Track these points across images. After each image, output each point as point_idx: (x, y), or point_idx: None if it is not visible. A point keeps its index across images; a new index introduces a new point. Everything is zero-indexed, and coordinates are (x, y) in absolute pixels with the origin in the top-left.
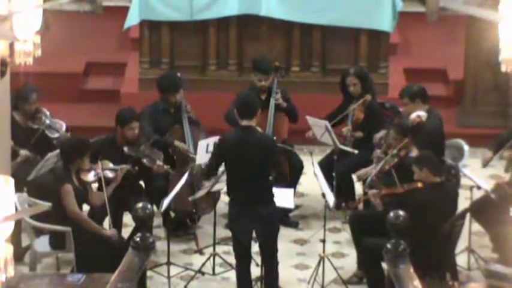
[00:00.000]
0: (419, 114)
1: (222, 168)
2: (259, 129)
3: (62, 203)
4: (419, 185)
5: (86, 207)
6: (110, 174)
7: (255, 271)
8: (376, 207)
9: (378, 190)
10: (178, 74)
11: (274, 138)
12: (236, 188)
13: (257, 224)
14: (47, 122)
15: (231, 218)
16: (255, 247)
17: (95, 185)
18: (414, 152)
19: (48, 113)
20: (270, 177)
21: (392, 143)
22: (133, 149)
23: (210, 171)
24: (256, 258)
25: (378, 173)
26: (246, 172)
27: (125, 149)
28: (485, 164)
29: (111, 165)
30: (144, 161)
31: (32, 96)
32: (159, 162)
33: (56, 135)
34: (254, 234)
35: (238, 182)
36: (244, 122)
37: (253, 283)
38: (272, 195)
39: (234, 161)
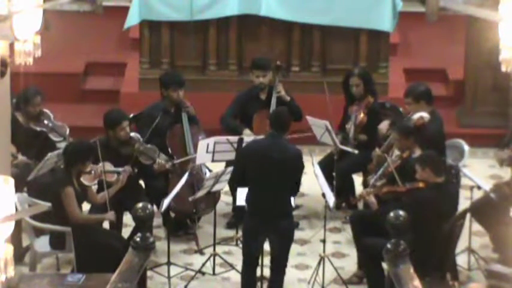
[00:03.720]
0: (422, 115)
1: (221, 168)
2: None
3: (63, 205)
4: (421, 184)
5: (85, 208)
6: (110, 177)
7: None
8: (370, 206)
9: (376, 188)
10: (183, 76)
11: None
12: (256, 199)
13: (273, 236)
14: (50, 125)
15: (246, 230)
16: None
17: (95, 186)
18: (417, 153)
19: (52, 116)
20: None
21: (394, 144)
22: (129, 149)
23: (237, 181)
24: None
25: (381, 174)
26: (269, 183)
27: (121, 150)
28: (502, 163)
29: (111, 166)
30: (141, 159)
31: (36, 99)
32: (160, 161)
33: (59, 138)
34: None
35: (260, 194)
36: (274, 132)
37: None
38: (291, 209)
39: (257, 170)
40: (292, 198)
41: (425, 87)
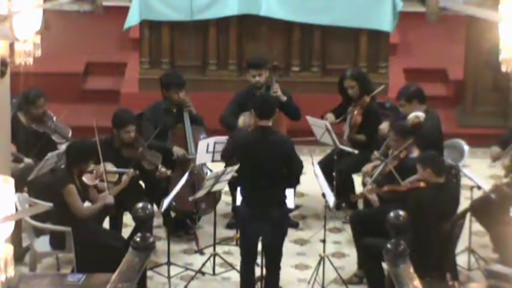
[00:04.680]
0: (417, 114)
1: (222, 168)
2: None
3: (66, 204)
4: (422, 184)
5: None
6: (111, 177)
7: (255, 271)
8: (372, 204)
9: (376, 187)
10: (183, 76)
11: None
12: (249, 190)
13: (266, 226)
14: (53, 126)
15: (241, 220)
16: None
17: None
18: (415, 153)
19: (54, 117)
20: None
21: (392, 145)
22: (132, 151)
23: (223, 157)
24: (257, 258)
25: (378, 175)
26: (261, 174)
27: (123, 152)
28: (495, 159)
29: (113, 167)
30: (143, 163)
31: (40, 100)
32: (162, 169)
33: (62, 140)
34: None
35: (252, 184)
36: (262, 123)
37: None
38: (284, 198)
39: (248, 162)
40: (292, 196)
41: (416, 87)
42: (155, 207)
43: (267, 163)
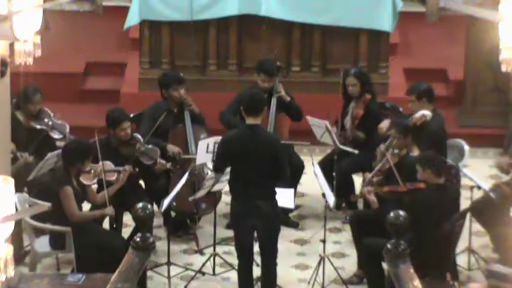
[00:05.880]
0: (424, 113)
1: None
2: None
3: (62, 204)
4: (422, 185)
5: (86, 208)
6: (110, 176)
7: (255, 271)
8: (371, 204)
9: (375, 187)
10: (181, 74)
11: None
12: (239, 185)
13: (258, 220)
14: (50, 123)
15: (233, 216)
16: (256, 247)
17: (95, 186)
18: (415, 152)
19: (52, 114)
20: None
21: (394, 142)
22: (130, 149)
23: (216, 170)
24: (257, 258)
25: (377, 171)
26: (251, 171)
27: (122, 150)
28: (503, 171)
29: (111, 166)
30: (142, 159)
31: (36, 96)
32: (161, 161)
33: (59, 136)
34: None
35: (242, 180)
36: (250, 120)
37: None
38: (274, 193)
39: (238, 159)
40: (292, 196)
41: (427, 85)
42: (155, 207)
43: (256, 160)
